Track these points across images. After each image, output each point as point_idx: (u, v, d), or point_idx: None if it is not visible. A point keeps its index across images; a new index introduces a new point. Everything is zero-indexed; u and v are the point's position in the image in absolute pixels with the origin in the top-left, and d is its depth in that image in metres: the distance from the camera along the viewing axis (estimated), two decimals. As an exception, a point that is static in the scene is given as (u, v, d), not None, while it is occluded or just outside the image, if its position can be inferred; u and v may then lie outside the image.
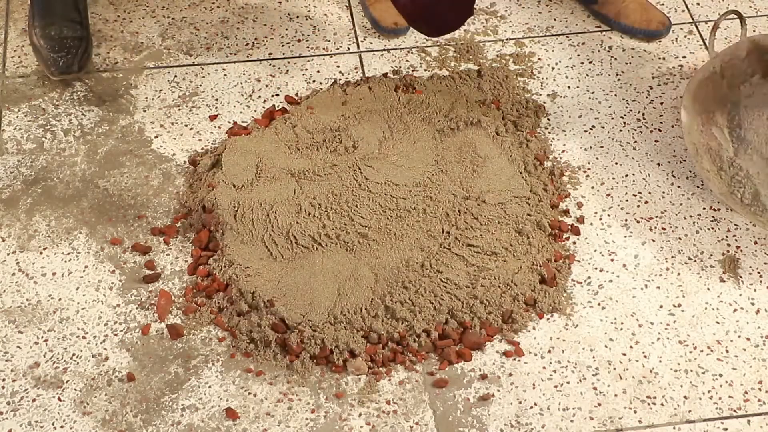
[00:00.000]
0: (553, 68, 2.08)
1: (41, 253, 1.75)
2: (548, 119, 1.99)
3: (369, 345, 1.63)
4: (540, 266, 1.73)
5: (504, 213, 1.79)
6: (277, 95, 2.02)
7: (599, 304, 1.70)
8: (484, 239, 1.74)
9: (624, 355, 1.64)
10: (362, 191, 1.80)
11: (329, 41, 2.13)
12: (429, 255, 1.72)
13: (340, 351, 1.61)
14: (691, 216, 1.83)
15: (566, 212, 1.83)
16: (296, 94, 2.02)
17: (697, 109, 1.84)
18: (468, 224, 1.76)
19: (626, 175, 1.90)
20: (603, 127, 1.98)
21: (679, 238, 1.80)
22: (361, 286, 1.68)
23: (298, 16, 2.18)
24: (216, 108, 1.99)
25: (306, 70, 2.07)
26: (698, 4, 2.22)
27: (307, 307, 1.66)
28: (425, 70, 2.07)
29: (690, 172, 1.90)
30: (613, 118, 1.99)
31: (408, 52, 2.11)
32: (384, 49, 2.11)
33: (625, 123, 1.99)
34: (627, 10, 2.13)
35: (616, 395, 1.59)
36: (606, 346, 1.65)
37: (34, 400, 1.56)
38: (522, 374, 1.61)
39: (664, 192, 1.87)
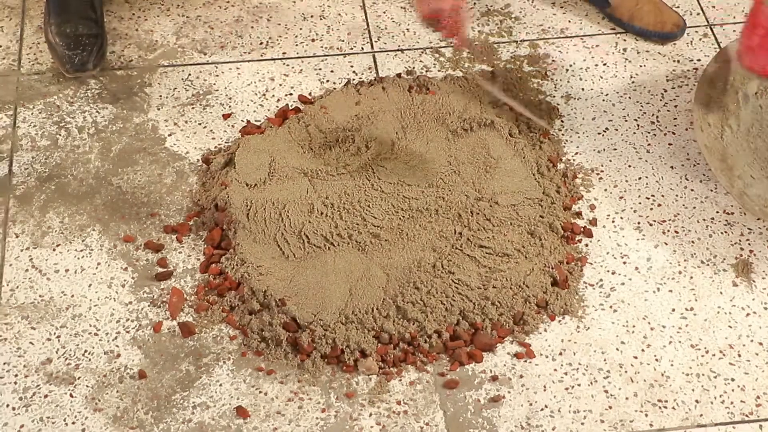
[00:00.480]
0: (567, 70, 2.08)
1: (54, 250, 1.76)
2: (562, 121, 1.98)
3: (380, 345, 1.63)
4: (552, 268, 1.73)
5: (516, 215, 1.79)
6: (291, 94, 2.02)
7: (611, 307, 1.70)
8: (496, 241, 1.74)
9: (635, 358, 1.63)
10: (375, 191, 1.80)
11: (343, 41, 2.13)
12: (441, 256, 1.72)
13: (351, 351, 1.61)
14: (704, 219, 1.83)
15: (579, 214, 1.83)
16: (310, 94, 2.02)
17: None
18: (480, 225, 1.76)
19: (639, 178, 1.89)
20: (617, 130, 1.97)
21: (692, 242, 1.79)
22: (373, 286, 1.68)
23: (312, 16, 2.18)
24: (229, 107, 2.00)
25: (320, 69, 2.07)
26: (713, 6, 2.21)
27: (319, 306, 1.66)
28: (439, 70, 2.07)
29: (704, 175, 1.89)
30: (626, 121, 1.99)
31: (422, 52, 2.11)
32: (398, 50, 2.11)
33: (638, 125, 1.98)
34: (641, 12, 2.12)
35: (627, 398, 1.59)
36: (617, 349, 1.65)
37: (46, 396, 1.57)
38: (533, 376, 1.61)
39: (677, 195, 1.86)
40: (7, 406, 1.55)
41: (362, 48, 2.12)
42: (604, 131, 1.97)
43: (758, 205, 1.75)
